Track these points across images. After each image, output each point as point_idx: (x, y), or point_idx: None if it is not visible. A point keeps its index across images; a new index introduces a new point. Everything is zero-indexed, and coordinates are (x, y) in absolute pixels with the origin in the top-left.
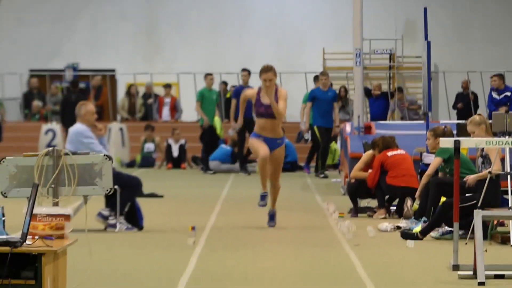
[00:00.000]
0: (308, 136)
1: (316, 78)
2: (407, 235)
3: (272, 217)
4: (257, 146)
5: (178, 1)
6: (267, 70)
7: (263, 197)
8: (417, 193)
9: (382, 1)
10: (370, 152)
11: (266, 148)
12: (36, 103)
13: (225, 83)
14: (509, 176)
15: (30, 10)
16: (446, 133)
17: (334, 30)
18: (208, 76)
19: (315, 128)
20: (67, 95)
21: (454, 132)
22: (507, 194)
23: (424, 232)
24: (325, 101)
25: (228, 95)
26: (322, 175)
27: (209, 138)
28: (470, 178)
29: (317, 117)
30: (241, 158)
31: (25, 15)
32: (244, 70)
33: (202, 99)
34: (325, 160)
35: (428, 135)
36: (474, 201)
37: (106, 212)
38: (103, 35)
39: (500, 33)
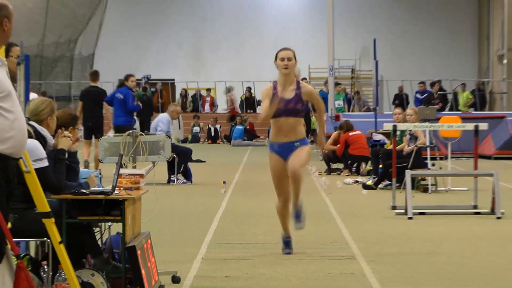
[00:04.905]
0: None
1: (325, 83)
2: (366, 186)
3: (298, 215)
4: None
5: (215, 33)
6: (285, 48)
7: (287, 243)
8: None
9: (347, 33)
10: (337, 132)
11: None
12: None
13: (249, 89)
14: (428, 148)
15: (119, 40)
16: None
17: (315, 53)
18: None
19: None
20: (141, 96)
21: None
22: (427, 160)
23: (376, 184)
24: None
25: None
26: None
27: None
28: (406, 149)
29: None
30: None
31: (116, 43)
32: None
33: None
34: None
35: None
36: (406, 164)
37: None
38: (166, 57)
39: (423, 54)
